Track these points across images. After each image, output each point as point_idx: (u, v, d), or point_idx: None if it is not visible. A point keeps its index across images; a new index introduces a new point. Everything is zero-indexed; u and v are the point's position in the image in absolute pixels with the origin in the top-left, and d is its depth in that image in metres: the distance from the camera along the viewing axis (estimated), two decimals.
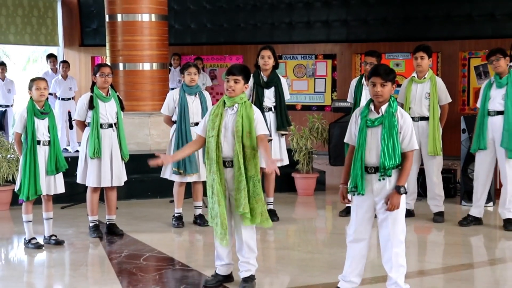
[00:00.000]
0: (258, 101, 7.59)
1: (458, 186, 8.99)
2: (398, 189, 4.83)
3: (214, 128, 5.31)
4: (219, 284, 5.48)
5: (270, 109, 7.75)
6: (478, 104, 7.44)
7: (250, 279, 5.39)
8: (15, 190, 6.81)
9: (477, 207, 7.48)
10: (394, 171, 4.85)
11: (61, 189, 6.83)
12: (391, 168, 4.81)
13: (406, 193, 4.90)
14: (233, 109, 5.34)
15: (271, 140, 7.58)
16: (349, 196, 5.06)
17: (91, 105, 6.99)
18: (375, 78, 4.84)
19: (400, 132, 4.84)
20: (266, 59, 7.71)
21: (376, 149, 4.84)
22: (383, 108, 4.86)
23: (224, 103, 5.38)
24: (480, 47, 11.92)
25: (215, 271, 5.53)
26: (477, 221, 7.46)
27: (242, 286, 5.36)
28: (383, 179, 4.84)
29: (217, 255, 5.50)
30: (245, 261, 5.39)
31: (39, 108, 6.67)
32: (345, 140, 5.09)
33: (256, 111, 5.40)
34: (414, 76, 7.69)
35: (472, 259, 6.58)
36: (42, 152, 6.65)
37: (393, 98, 4.91)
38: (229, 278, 5.53)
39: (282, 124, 7.78)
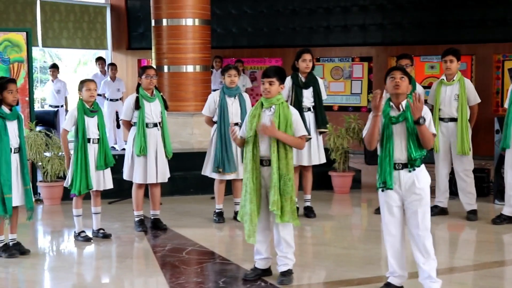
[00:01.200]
0: (298, 102, 7.65)
1: (491, 185, 9.00)
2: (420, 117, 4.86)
3: (252, 128, 5.43)
4: (258, 277, 5.57)
5: (309, 109, 7.78)
6: (506, 105, 7.51)
7: (287, 273, 5.51)
8: (66, 185, 6.95)
9: (509, 206, 7.50)
10: (422, 166, 4.96)
11: (109, 185, 7.01)
12: (418, 158, 4.93)
13: (423, 123, 4.85)
14: (270, 110, 5.45)
15: (310, 138, 7.65)
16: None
17: (137, 106, 7.14)
18: (394, 72, 5.01)
19: None
20: (308, 62, 7.74)
21: (401, 144, 4.94)
22: (403, 103, 5.00)
23: (262, 104, 5.51)
24: None
25: (254, 265, 5.66)
26: (510, 220, 7.48)
27: (280, 280, 5.47)
28: (413, 169, 4.93)
29: (256, 249, 5.60)
30: (283, 255, 5.49)
31: (88, 107, 6.87)
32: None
33: (293, 112, 5.50)
34: (443, 79, 7.74)
35: (504, 256, 6.60)
36: (92, 150, 6.83)
37: (409, 95, 5.02)
38: (267, 271, 5.64)
39: (322, 122, 7.85)
